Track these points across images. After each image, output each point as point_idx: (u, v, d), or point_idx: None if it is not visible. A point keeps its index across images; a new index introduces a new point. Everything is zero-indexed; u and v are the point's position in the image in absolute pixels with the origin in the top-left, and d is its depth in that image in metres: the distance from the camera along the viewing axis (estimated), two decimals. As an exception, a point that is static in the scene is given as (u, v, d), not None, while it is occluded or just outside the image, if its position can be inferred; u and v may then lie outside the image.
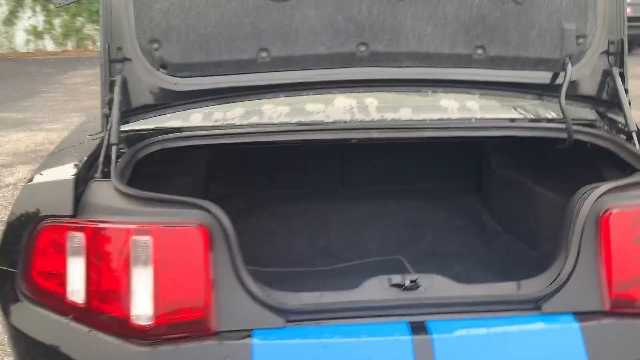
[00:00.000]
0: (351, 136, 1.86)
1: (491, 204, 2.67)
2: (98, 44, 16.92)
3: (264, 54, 1.83)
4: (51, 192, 1.53)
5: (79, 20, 16.38)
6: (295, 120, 1.91)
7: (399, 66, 1.86)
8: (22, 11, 16.16)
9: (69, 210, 1.45)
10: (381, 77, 1.87)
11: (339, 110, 1.95)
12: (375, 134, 1.85)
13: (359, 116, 1.93)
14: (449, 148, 2.82)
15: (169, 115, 1.86)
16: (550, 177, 2.35)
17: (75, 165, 1.67)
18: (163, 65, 1.80)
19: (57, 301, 1.45)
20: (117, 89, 1.73)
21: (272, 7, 1.79)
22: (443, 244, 2.53)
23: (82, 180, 1.51)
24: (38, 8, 16.18)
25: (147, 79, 1.80)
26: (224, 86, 1.84)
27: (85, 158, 1.69)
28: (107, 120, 1.75)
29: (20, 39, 16.31)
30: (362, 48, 1.84)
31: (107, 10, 1.76)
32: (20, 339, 1.50)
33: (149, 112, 1.83)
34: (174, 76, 1.81)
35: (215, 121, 1.91)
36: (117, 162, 1.60)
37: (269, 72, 1.85)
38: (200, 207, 1.43)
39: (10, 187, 5.39)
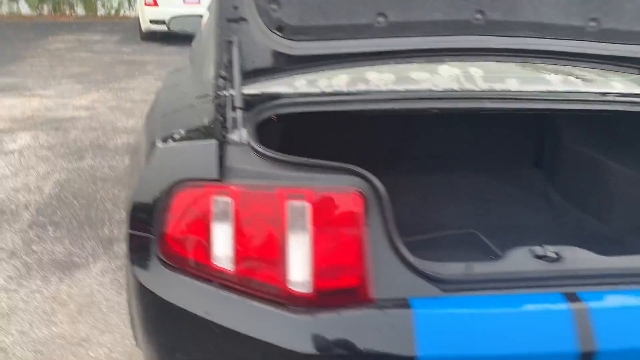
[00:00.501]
0: (462, 106, 1.84)
1: (558, 178, 2.69)
2: (76, 9, 16.43)
3: (381, 19, 1.78)
4: (191, 155, 1.46)
5: (56, -16, 15.81)
6: (403, 88, 1.87)
7: (513, 36, 1.84)
8: (-5, -28, 15.51)
9: (213, 174, 1.39)
10: (495, 46, 1.85)
11: (445, 79, 1.92)
12: (488, 104, 1.82)
13: (467, 85, 1.89)
14: (509, 121, 2.82)
15: (274, 80, 1.80)
16: (628, 154, 2.37)
17: (199, 128, 1.60)
18: (279, 28, 1.74)
19: (200, 268, 1.40)
20: (235, 51, 1.67)
21: None
22: (512, 218, 2.53)
23: (220, 143, 1.45)
24: (13, -31, 15.55)
25: (262, 41, 1.73)
26: (339, 51, 1.79)
27: (206, 121, 1.62)
28: (224, 82, 1.68)
29: (-7, 2, 15.68)
30: (479, 16, 1.81)
31: None
32: (158, 306, 1.44)
33: (259, 76, 1.77)
34: (290, 39, 1.75)
35: (322, 88, 1.85)
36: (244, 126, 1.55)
37: (384, 37, 1.81)
38: (355, 173, 1.39)
39: (16, 154, 5.20)
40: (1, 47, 11.36)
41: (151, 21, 11.75)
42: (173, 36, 11.99)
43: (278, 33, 1.74)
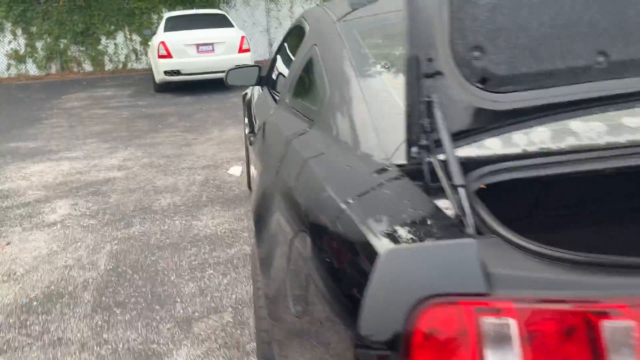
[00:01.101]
0: None
1: None
2: (84, 65, 16.36)
3: (601, 59, 1.44)
4: (437, 260, 1.09)
5: (62, 42, 15.72)
6: (624, 139, 1.51)
7: None
8: (1, 35, 15.43)
9: (479, 286, 1.02)
10: None
11: None
12: None
13: None
14: None
15: (477, 142, 1.45)
16: None
17: (417, 219, 1.23)
18: (483, 79, 1.39)
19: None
20: (439, 113, 1.32)
21: None
22: None
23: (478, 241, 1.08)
24: (19, 31, 15.47)
25: (460, 98, 1.39)
26: (550, 102, 1.45)
27: (423, 207, 1.25)
28: (420, 151, 1.34)
29: (1, 64, 15.56)
30: None
31: (414, 11, 1.34)
32: None
33: (459, 140, 1.41)
34: (494, 92, 1.41)
35: (524, 146, 1.49)
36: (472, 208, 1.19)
37: (602, 80, 1.46)
38: None
39: (59, 225, 4.82)
40: (16, 109, 11.14)
41: (165, 72, 11.56)
42: (187, 85, 11.83)
43: (480, 86, 1.39)
